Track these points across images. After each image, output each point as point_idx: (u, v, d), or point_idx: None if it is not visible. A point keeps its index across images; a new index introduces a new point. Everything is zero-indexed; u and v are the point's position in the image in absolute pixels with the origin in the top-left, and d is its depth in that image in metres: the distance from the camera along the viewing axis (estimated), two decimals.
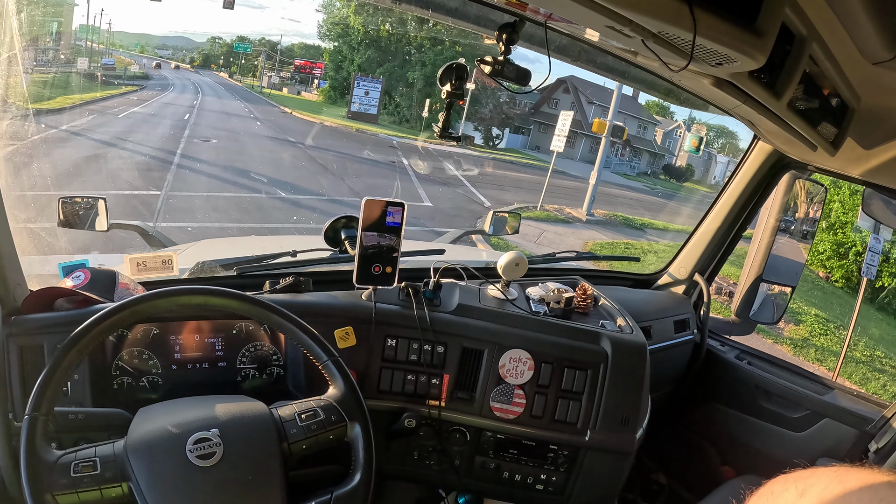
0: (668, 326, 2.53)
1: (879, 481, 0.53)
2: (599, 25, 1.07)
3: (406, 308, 1.77)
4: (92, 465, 1.10)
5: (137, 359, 1.60)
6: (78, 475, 1.09)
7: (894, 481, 0.53)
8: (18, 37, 1.64)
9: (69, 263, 1.73)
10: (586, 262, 3.08)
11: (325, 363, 1.36)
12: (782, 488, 0.58)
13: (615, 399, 1.79)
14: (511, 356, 1.77)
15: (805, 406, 2.39)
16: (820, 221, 2.90)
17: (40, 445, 1.10)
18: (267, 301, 1.37)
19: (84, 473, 1.09)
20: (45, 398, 1.13)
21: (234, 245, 3.74)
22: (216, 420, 1.22)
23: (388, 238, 1.70)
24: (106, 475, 1.10)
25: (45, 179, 9.85)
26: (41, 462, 1.08)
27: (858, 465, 0.56)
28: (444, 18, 1.60)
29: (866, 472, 0.54)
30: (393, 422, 1.72)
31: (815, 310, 12.12)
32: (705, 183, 45.46)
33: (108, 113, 21.90)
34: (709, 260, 2.73)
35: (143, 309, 1.27)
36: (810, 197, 2.77)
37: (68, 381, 1.38)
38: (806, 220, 2.80)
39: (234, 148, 18.06)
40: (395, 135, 29.52)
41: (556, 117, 16.74)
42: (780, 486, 0.59)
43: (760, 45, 1.03)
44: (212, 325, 1.70)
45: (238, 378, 1.72)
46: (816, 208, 2.82)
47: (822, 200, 2.84)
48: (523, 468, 1.85)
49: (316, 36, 68.23)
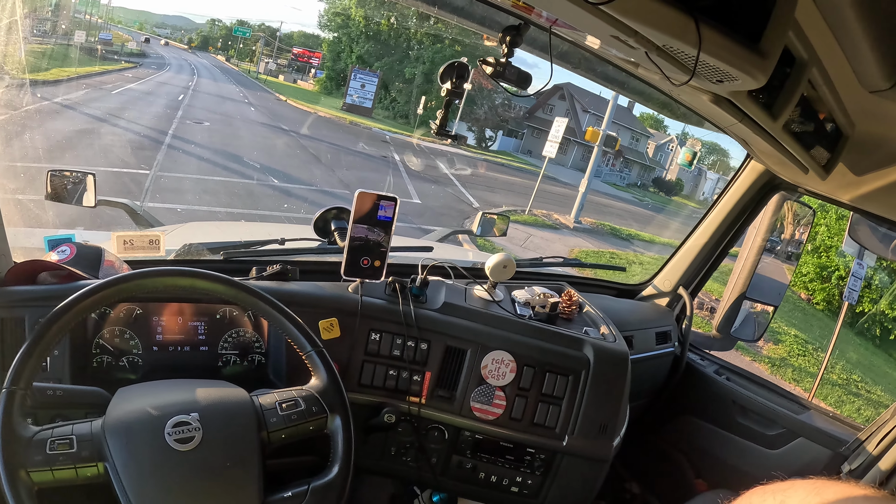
0: (649, 337, 2.54)
1: (856, 494, 0.54)
2: (604, 35, 1.08)
3: (392, 303, 1.77)
4: (68, 443, 1.09)
5: (119, 338, 1.59)
6: (53, 452, 1.07)
7: (870, 495, 0.53)
8: (20, 4, 1.62)
9: (55, 237, 1.71)
10: (572, 268, 3.09)
11: (308, 353, 1.36)
12: (760, 500, 0.59)
13: (595, 406, 1.80)
14: (494, 357, 1.77)
15: (781, 424, 2.41)
16: (805, 244, 2.93)
17: (17, 420, 1.08)
18: (253, 287, 1.37)
19: (60, 451, 1.08)
20: (25, 372, 1.11)
21: (222, 229, 3.73)
22: (196, 404, 1.21)
23: (379, 232, 1.69)
24: (82, 454, 1.09)
25: (35, 151, 9.78)
26: (17, 437, 1.06)
27: (836, 478, 0.57)
28: (450, 16, 1.60)
29: (843, 485, 0.55)
30: (372, 416, 1.71)
31: (794, 330, 12.22)
32: (694, 198, 45.73)
33: (103, 88, 21.75)
34: (694, 274, 2.75)
35: (128, 288, 1.25)
36: (798, 219, 2.79)
37: (48, 357, 1.37)
38: (792, 242, 2.83)
39: (227, 132, 17.99)
40: (389, 130, 29.48)
41: (551, 123, 16.76)
42: (758, 497, 0.60)
43: (763, 66, 1.04)
44: (196, 308, 1.69)
45: (219, 363, 1.71)
46: (803, 230, 2.85)
47: (810, 223, 2.86)
48: (499, 470, 1.85)
49: (316, 25, 68.05)
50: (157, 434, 1.13)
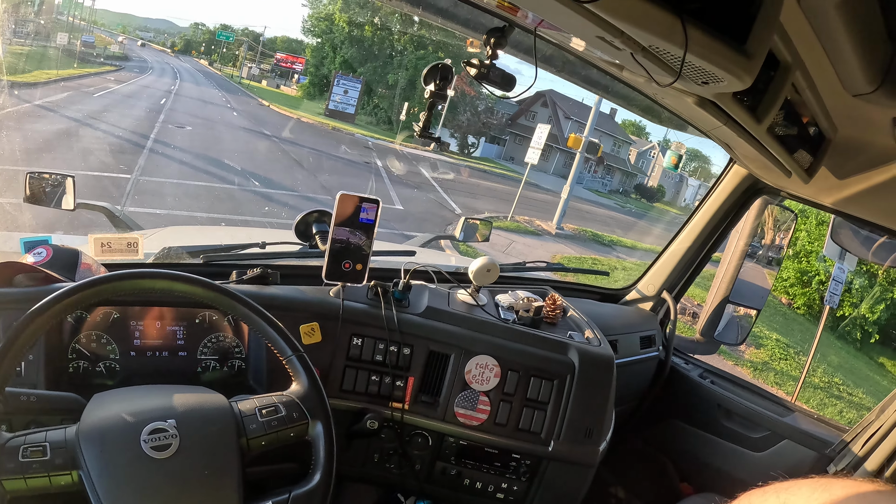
0: (634, 342, 2.54)
1: (866, 489, 0.53)
2: (590, 35, 1.07)
3: (374, 307, 1.75)
4: (41, 451, 1.06)
5: (95, 343, 1.57)
6: (26, 460, 1.04)
7: (882, 490, 0.52)
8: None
9: (31, 239, 1.69)
10: (556, 273, 3.08)
11: (289, 358, 1.33)
12: (760, 500, 0.58)
13: (580, 411, 1.79)
14: (478, 362, 1.76)
15: (766, 427, 2.42)
16: (787, 249, 2.94)
17: None
18: (232, 290, 1.34)
19: (33, 458, 1.05)
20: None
21: (202, 233, 3.69)
22: (173, 411, 1.18)
23: (360, 235, 1.67)
24: (56, 461, 1.06)
25: (14, 153, 9.68)
26: None
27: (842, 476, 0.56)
28: (434, 18, 1.58)
29: (849, 480, 0.54)
30: (355, 422, 1.69)
31: (776, 335, 12.32)
32: (675, 205, 46.08)
33: (84, 90, 21.60)
34: (677, 278, 2.75)
35: (105, 289, 1.22)
36: (779, 224, 2.80)
37: (22, 361, 1.33)
38: (773, 247, 2.84)
39: (209, 136, 17.92)
40: (371, 135, 29.49)
41: (533, 129, 16.83)
42: (757, 498, 0.59)
43: (748, 67, 1.04)
44: (174, 312, 1.66)
45: (198, 369, 1.68)
46: (784, 235, 2.86)
47: (791, 227, 2.87)
48: (484, 476, 1.84)
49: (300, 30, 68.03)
50: (133, 441, 1.10)
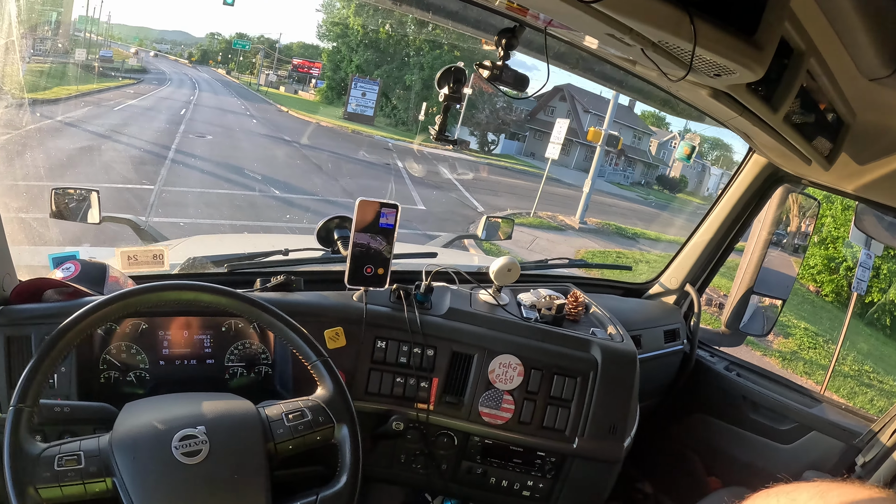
0: (657, 336, 2.53)
1: (862, 496, 0.53)
2: (600, 33, 1.08)
3: (397, 310, 1.77)
4: (76, 459, 1.09)
5: (125, 353, 1.60)
6: (62, 469, 1.07)
7: (876, 496, 0.53)
8: (17, 23, 1.63)
9: (59, 255, 1.72)
10: (578, 269, 3.08)
11: (314, 363, 1.35)
12: (764, 502, 0.59)
13: (604, 407, 1.79)
14: (501, 361, 1.76)
15: (793, 418, 2.40)
16: (812, 236, 2.91)
17: (24, 437, 1.08)
18: (257, 299, 1.36)
19: (68, 467, 1.08)
20: (32, 389, 1.12)
21: (225, 242, 3.73)
22: (203, 417, 1.21)
23: (381, 240, 1.69)
24: (90, 469, 1.09)
25: (38, 170, 9.80)
26: (25, 454, 1.06)
27: (841, 480, 0.56)
28: (444, 21, 1.59)
29: (848, 486, 0.55)
30: (380, 424, 1.71)
31: (804, 323, 12.16)
32: (698, 195, 45.62)
33: (104, 105, 21.73)
34: (700, 271, 2.74)
35: (133, 303, 1.25)
36: (803, 211, 2.77)
37: (55, 374, 1.37)
38: (798, 234, 2.81)
39: (229, 144, 17.99)
40: (391, 137, 29.45)
41: (552, 125, 16.72)
42: (762, 499, 0.59)
43: (759, 58, 1.03)
44: (201, 321, 1.69)
45: (226, 376, 1.71)
46: (809, 222, 2.83)
47: (815, 214, 2.84)
48: (510, 474, 1.85)
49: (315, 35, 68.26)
50: (164, 448, 1.13)
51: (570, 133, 36.07)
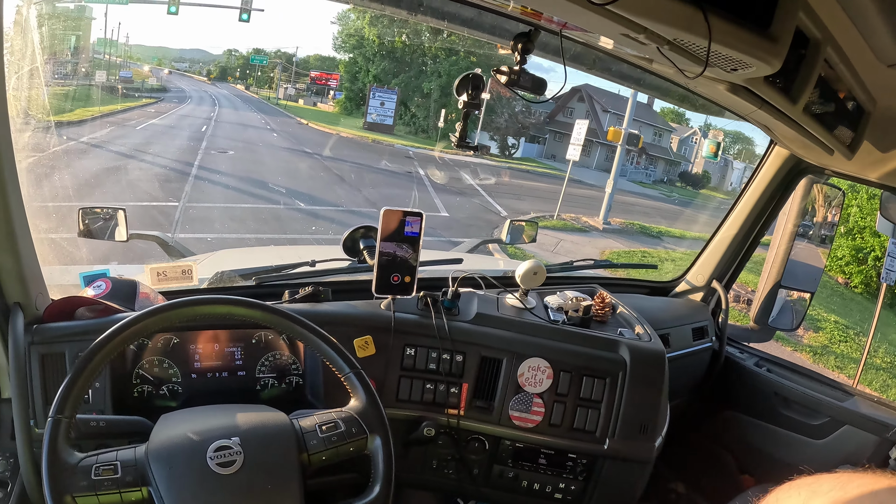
0: (686, 334, 2.52)
1: (880, 486, 0.53)
2: (615, 34, 1.08)
3: (425, 317, 1.78)
4: (113, 469, 1.12)
5: (158, 367, 1.63)
6: (99, 478, 1.10)
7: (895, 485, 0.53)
8: (40, 51, 1.67)
9: (90, 273, 1.75)
10: (603, 270, 3.07)
11: (346, 375, 1.37)
12: (787, 495, 0.59)
13: (634, 407, 1.79)
14: (530, 365, 1.77)
15: (825, 413, 2.37)
16: (838, 226, 2.88)
17: (62, 448, 1.11)
18: (288, 311, 1.38)
19: (105, 476, 1.10)
20: (69, 401, 1.15)
21: (252, 255, 3.76)
22: (237, 429, 1.23)
23: (407, 248, 1.71)
24: (126, 479, 1.11)
25: (65, 190, 9.93)
26: (63, 464, 1.10)
27: (862, 470, 0.57)
28: (460, 29, 1.61)
29: (869, 476, 0.55)
30: (411, 430, 1.73)
31: (834, 316, 11.98)
32: (722, 189, 45.10)
33: (127, 125, 22.01)
34: (726, 267, 2.71)
35: (167, 317, 1.28)
36: (829, 201, 2.74)
37: (91, 388, 1.39)
38: (824, 225, 2.78)
39: (252, 158, 18.09)
40: (412, 145, 29.42)
41: (572, 126, 16.65)
42: (784, 493, 0.60)
43: (775, 51, 1.04)
44: (231, 334, 1.71)
45: (257, 387, 1.73)
46: (835, 212, 2.80)
47: (840, 204, 2.81)
48: (541, 477, 1.85)
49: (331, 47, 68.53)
50: (200, 458, 1.15)
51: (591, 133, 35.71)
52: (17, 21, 1.55)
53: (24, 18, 1.62)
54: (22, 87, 1.55)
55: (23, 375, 1.39)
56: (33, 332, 1.44)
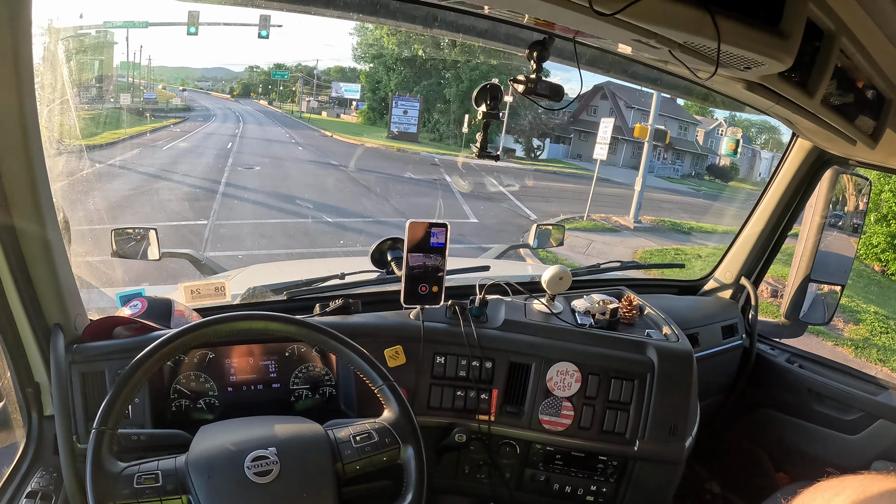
0: (715, 332, 2.50)
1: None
2: (626, 39, 1.10)
3: (453, 325, 1.81)
4: (154, 478, 1.17)
5: (194, 382, 1.68)
6: (140, 486, 1.15)
7: None
8: (69, 83, 1.72)
9: (126, 293, 1.79)
10: (631, 271, 3.05)
11: (380, 387, 1.40)
12: (811, 498, 0.60)
13: (663, 408, 1.80)
14: (558, 369, 1.79)
15: (859, 408, 2.34)
16: (868, 215, 2.84)
17: (105, 457, 1.17)
18: (322, 325, 1.43)
19: (146, 485, 1.15)
20: (112, 414, 1.20)
21: (282, 269, 3.79)
22: (274, 439, 1.27)
23: (434, 258, 1.74)
24: (167, 487, 1.16)
25: (98, 213, 9.98)
26: (106, 473, 1.15)
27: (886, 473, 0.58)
28: (475, 40, 1.62)
29: (891, 478, 0.56)
30: (443, 437, 1.75)
31: (873, 307, 11.68)
32: (751, 180, 44.41)
33: (154, 146, 22.08)
34: (755, 263, 2.70)
35: (204, 334, 1.33)
36: (859, 188, 2.71)
37: (132, 402, 1.44)
38: (854, 214, 2.75)
39: (278, 174, 18.03)
40: (436, 152, 29.07)
41: (596, 125, 16.45)
42: (809, 496, 0.61)
43: (786, 47, 1.04)
44: (265, 347, 1.76)
45: (292, 398, 1.78)
46: (864, 200, 2.76)
47: (868, 193, 2.77)
48: (573, 480, 1.86)
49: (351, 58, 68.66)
50: (237, 468, 1.20)
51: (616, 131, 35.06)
52: (46, 57, 1.60)
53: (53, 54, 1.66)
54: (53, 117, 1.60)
55: (65, 393, 1.44)
56: (73, 351, 1.49)
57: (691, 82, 1.76)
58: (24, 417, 1.49)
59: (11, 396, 1.49)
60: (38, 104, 1.24)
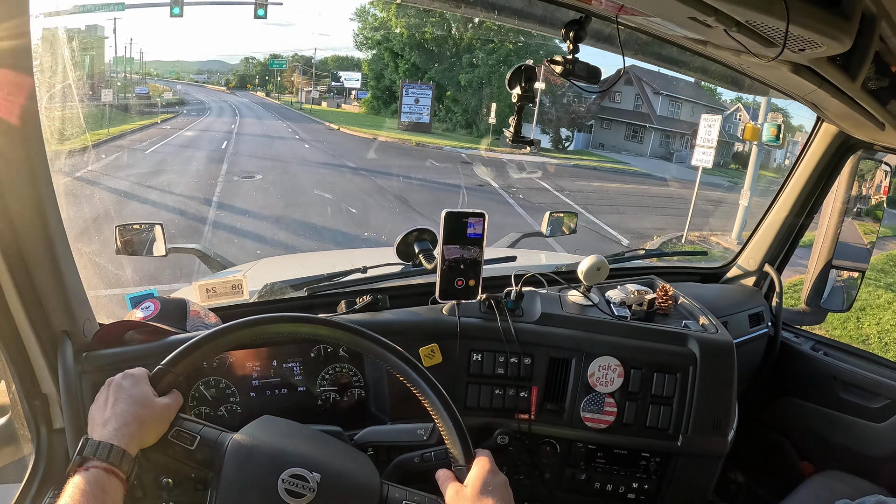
0: (743, 321, 2.47)
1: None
2: (681, 17, 1.05)
3: (489, 321, 1.74)
4: (190, 440, 1.11)
5: (214, 388, 1.60)
6: (172, 440, 1.10)
7: None
8: (75, 91, 1.66)
9: (136, 294, 1.73)
10: (654, 259, 3.01)
11: (459, 468, 1.26)
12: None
13: (706, 401, 1.75)
14: (600, 364, 1.73)
15: (885, 395, 2.32)
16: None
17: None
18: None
19: (179, 442, 1.10)
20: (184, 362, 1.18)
21: (297, 262, 3.73)
22: (323, 465, 1.13)
23: (471, 250, 1.65)
24: (197, 455, 1.10)
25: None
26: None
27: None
28: (510, 20, 1.58)
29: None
30: (482, 438, 1.66)
31: None
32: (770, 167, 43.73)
33: (135, 149, 19.18)
34: (778, 249, 2.67)
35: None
36: (882, 174, 2.68)
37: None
38: (878, 199, 2.72)
39: (285, 183, 15.16)
40: (460, 146, 26.51)
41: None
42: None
43: (847, 28, 1.03)
44: (287, 349, 1.68)
45: (318, 402, 1.70)
46: (887, 186, 2.73)
47: (891, 180, 2.74)
48: (614, 478, 1.82)
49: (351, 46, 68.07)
50: (273, 474, 1.08)
51: (641, 118, 34.59)
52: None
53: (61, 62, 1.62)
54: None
55: (75, 405, 1.36)
56: (83, 360, 1.40)
57: (726, 66, 1.72)
58: (32, 432, 1.39)
59: (18, 409, 1.40)
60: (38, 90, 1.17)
